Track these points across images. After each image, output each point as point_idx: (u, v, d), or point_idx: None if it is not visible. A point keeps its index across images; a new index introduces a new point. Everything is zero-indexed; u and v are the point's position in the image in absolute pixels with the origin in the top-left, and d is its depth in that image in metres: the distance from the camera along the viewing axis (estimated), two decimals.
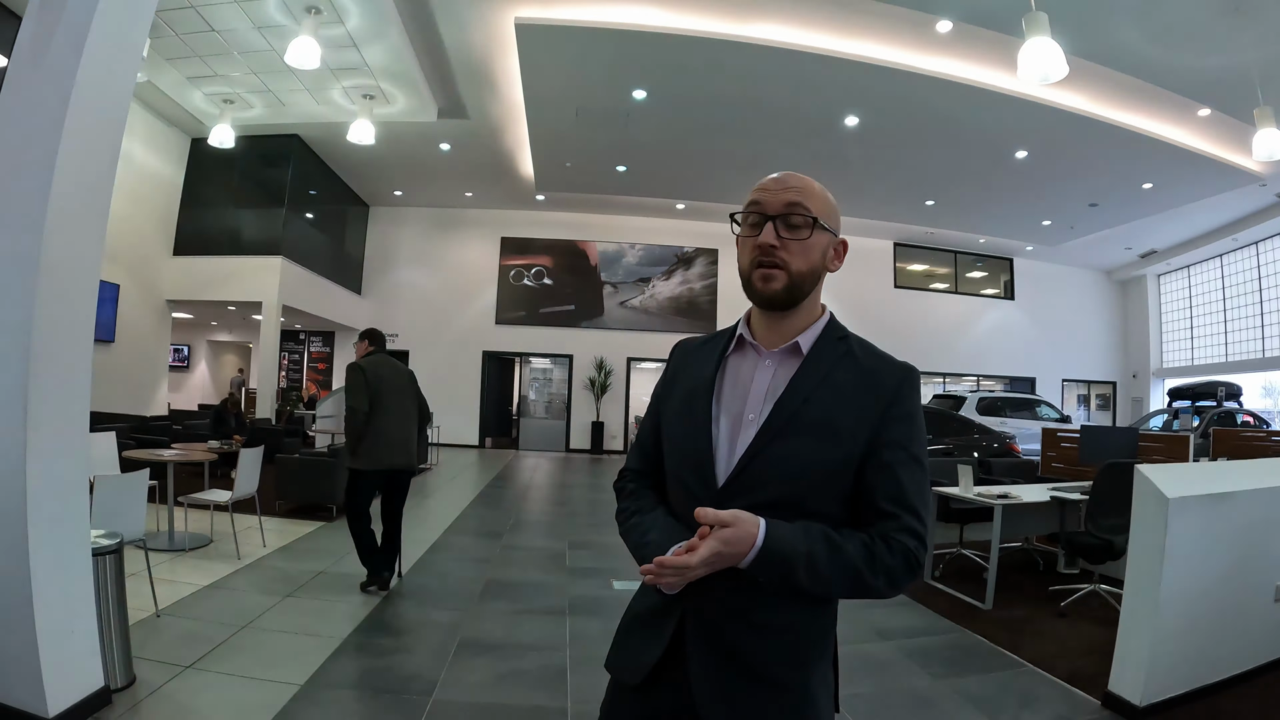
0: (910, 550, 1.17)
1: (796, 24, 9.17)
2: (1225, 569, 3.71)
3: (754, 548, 1.09)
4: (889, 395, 1.25)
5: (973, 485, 5.86)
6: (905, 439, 1.24)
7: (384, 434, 5.03)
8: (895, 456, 1.22)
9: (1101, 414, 20.98)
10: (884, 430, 1.23)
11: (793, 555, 1.11)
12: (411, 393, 5.36)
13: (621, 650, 1.38)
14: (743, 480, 1.23)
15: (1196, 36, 8.33)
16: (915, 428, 1.26)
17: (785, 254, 1.25)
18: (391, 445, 5.08)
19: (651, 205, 17.03)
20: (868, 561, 1.15)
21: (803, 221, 1.26)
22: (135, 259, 12.08)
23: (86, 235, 3.13)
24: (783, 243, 1.25)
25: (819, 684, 1.26)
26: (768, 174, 1.33)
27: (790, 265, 1.26)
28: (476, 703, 3.45)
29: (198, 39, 9.60)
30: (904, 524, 1.18)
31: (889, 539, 1.17)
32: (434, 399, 17.14)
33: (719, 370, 1.35)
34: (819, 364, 1.27)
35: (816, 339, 1.31)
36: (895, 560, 1.16)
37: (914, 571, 1.18)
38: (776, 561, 1.11)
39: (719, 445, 1.28)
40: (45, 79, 2.98)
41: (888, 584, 1.16)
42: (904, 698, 3.70)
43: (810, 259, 1.28)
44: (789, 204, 1.26)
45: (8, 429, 2.82)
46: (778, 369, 1.30)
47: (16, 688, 2.85)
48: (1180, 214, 15.18)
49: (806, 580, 1.13)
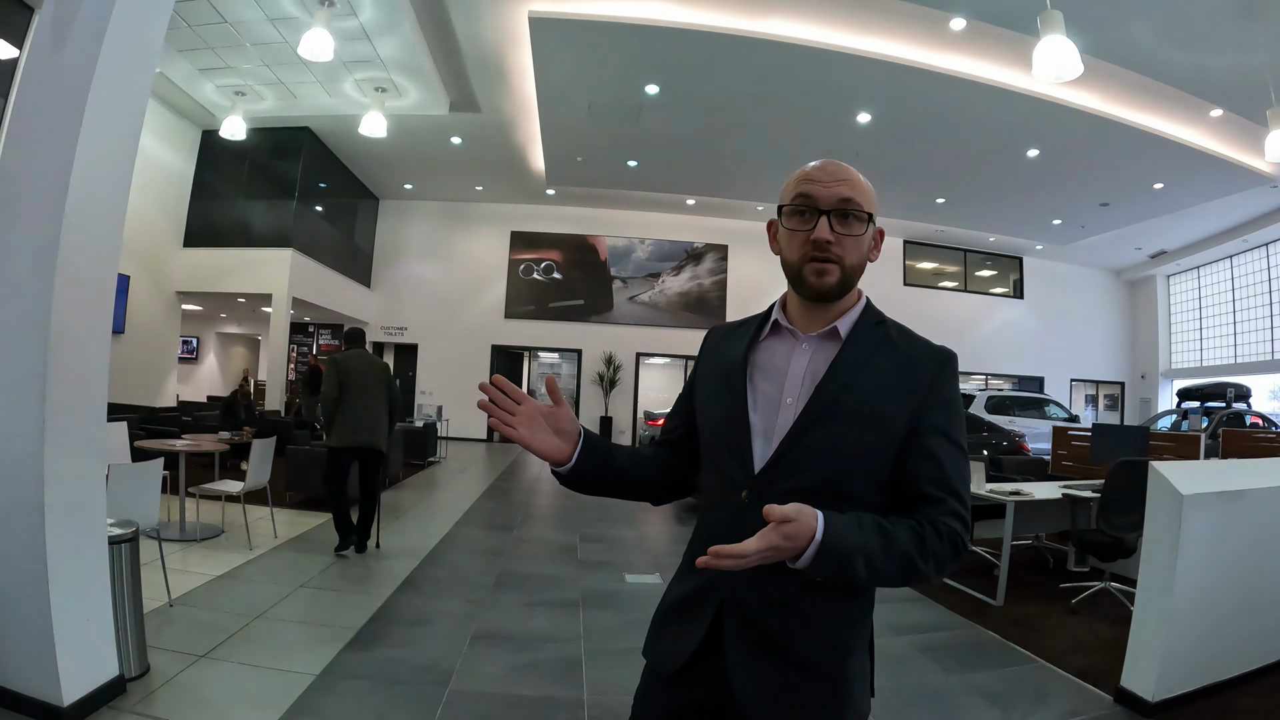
0: (957, 533, 1.16)
1: (810, 20, 9.16)
2: (1239, 566, 3.71)
3: (813, 543, 1.05)
4: (928, 380, 1.24)
5: (985, 482, 5.85)
6: (946, 424, 1.23)
7: (352, 416, 5.82)
8: (937, 442, 1.21)
9: (1109, 414, 20.91)
10: (924, 416, 1.22)
11: (851, 549, 1.08)
12: (383, 383, 6.05)
13: (658, 638, 1.38)
14: (783, 465, 1.22)
15: (1209, 37, 8.30)
16: (954, 413, 1.25)
17: (839, 249, 1.24)
18: (359, 426, 5.84)
19: (662, 201, 17.02)
20: (919, 548, 1.13)
21: (858, 217, 1.25)
22: (145, 250, 12.12)
23: (105, 227, 3.14)
24: (837, 238, 1.24)
25: (856, 670, 1.25)
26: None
27: (845, 260, 1.25)
28: (493, 693, 3.46)
29: (210, 30, 9.62)
30: (950, 508, 1.18)
31: (937, 524, 1.16)
32: (442, 392, 17.28)
33: (754, 352, 1.35)
34: (858, 348, 1.27)
35: (855, 323, 1.30)
36: (943, 546, 1.15)
37: (959, 555, 1.17)
38: (836, 557, 1.06)
39: (755, 428, 1.27)
40: (65, 69, 2.99)
41: (936, 569, 1.15)
42: (917, 692, 3.70)
43: (861, 253, 1.28)
44: (844, 199, 1.25)
45: (27, 418, 2.83)
46: (815, 353, 1.29)
47: (32, 676, 2.86)
48: (1191, 214, 15.11)
49: (865, 573, 1.09)
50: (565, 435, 1.30)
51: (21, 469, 2.84)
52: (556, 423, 1.29)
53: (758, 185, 14.77)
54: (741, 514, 1.16)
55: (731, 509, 1.24)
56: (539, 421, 1.28)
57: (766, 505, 1.04)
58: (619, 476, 1.40)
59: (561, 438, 1.30)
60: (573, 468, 1.31)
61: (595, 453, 1.34)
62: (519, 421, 1.26)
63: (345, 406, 5.81)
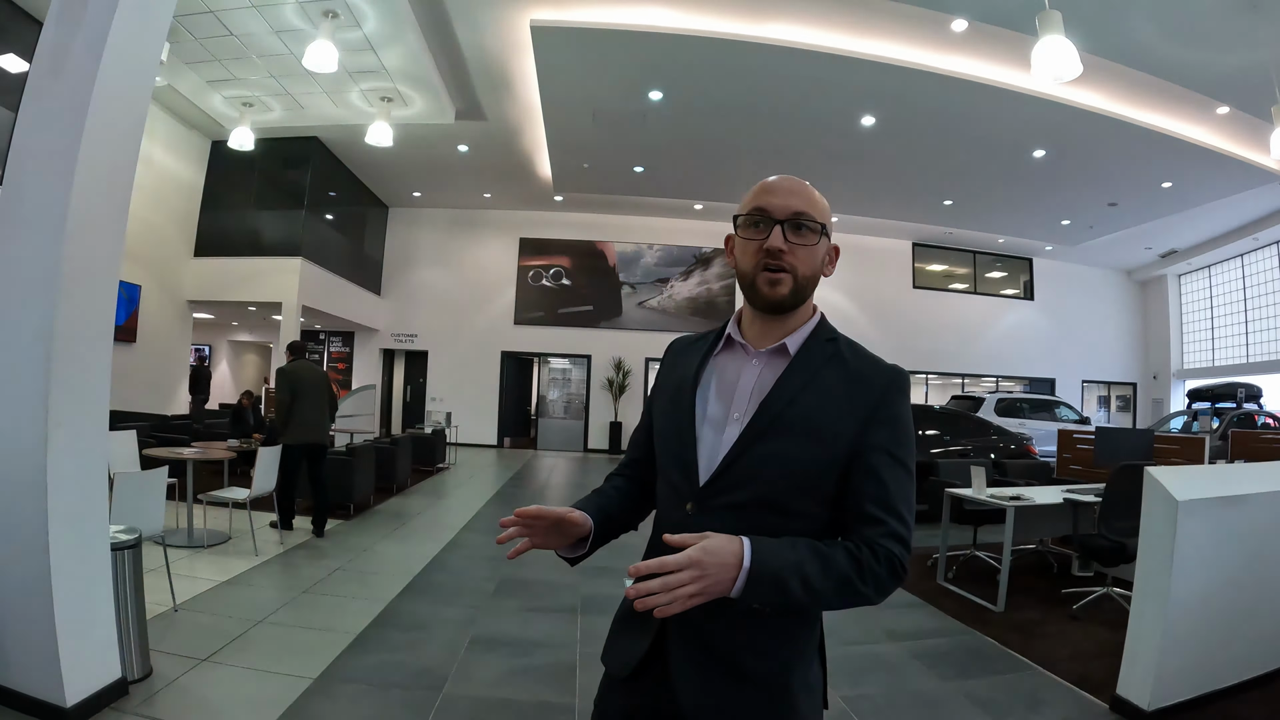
0: (895, 556, 1.16)
1: (812, 24, 9.16)
2: (1236, 572, 3.69)
3: (742, 569, 1.06)
4: (875, 398, 1.25)
5: (986, 487, 5.84)
6: (890, 442, 1.23)
7: (304, 419, 6.77)
8: (880, 460, 1.21)
9: (1122, 415, 20.76)
10: (869, 433, 1.22)
11: (784, 572, 1.08)
12: (324, 388, 7.04)
13: (613, 645, 1.42)
14: (726, 479, 1.24)
15: (1213, 34, 8.24)
16: (901, 431, 1.25)
17: (793, 259, 1.27)
18: (307, 426, 6.79)
19: (669, 206, 17.04)
20: (856, 570, 1.13)
21: (810, 228, 1.28)
22: (156, 260, 12.26)
23: (107, 238, 3.20)
24: (790, 247, 1.27)
25: (802, 681, 1.26)
26: (783, 173, 1.34)
27: (797, 270, 1.27)
28: (485, 697, 3.50)
29: (217, 43, 9.72)
30: (889, 529, 1.17)
31: (874, 546, 1.16)
32: (452, 399, 17.37)
33: (706, 368, 1.37)
34: (806, 365, 1.28)
35: (805, 340, 1.31)
36: (881, 568, 1.15)
37: (899, 577, 1.17)
38: (769, 581, 1.07)
39: (703, 442, 1.29)
40: (65, 86, 3.05)
41: (876, 591, 1.15)
42: (910, 699, 3.69)
43: (814, 264, 1.30)
44: (796, 211, 1.27)
45: (30, 426, 2.90)
46: (764, 369, 1.31)
47: (36, 677, 2.93)
48: (1200, 213, 14.98)
49: (801, 596, 1.10)
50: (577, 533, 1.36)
51: (25, 476, 2.91)
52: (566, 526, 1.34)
53: None
54: (686, 527, 1.17)
55: (677, 521, 1.27)
56: (553, 529, 1.33)
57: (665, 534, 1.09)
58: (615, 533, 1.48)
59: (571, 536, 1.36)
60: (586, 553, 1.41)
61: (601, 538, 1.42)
62: (533, 534, 1.32)
63: (296, 409, 6.72)
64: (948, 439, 9.55)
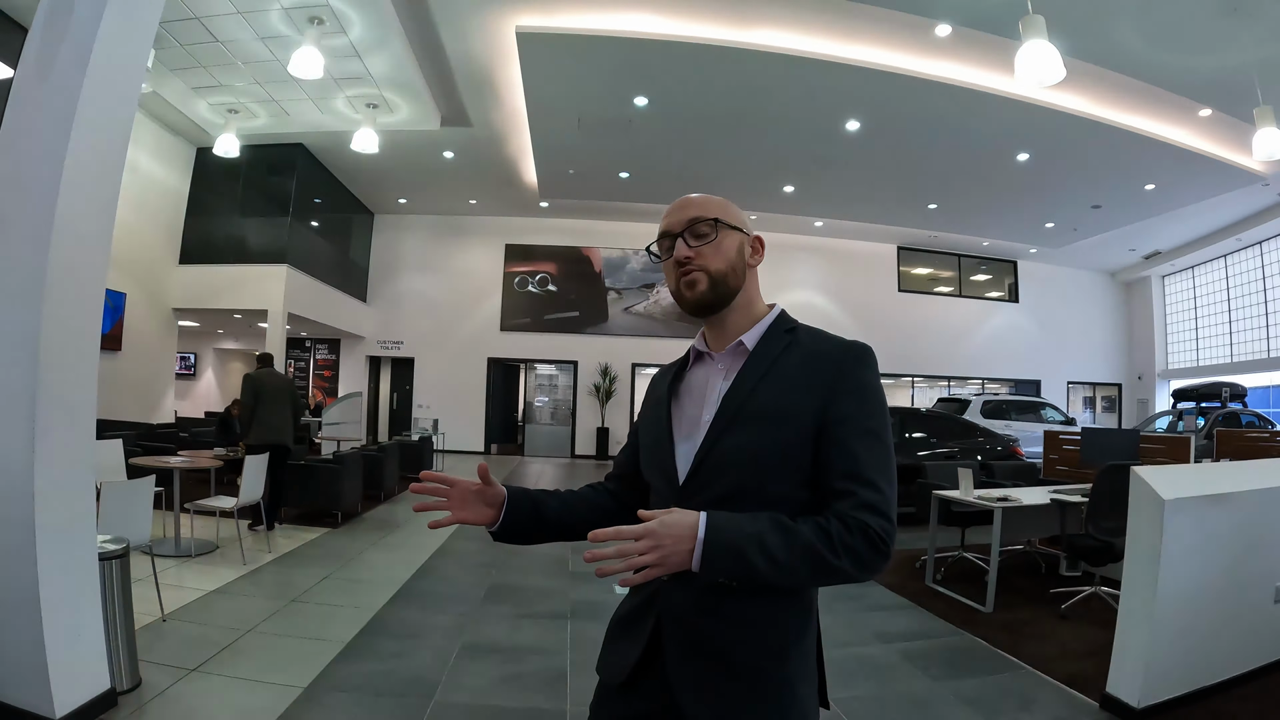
0: (869, 526, 1.14)
1: (796, 30, 9.21)
2: (1223, 570, 3.72)
3: (698, 541, 1.09)
4: (833, 372, 1.26)
5: (973, 488, 5.87)
6: (856, 412, 1.23)
7: (266, 422, 7.16)
8: (845, 431, 1.22)
9: (1107, 416, 20.92)
10: (832, 407, 1.23)
11: (740, 542, 1.10)
12: (287, 393, 7.46)
13: (608, 652, 1.43)
14: (700, 476, 1.28)
15: (1195, 37, 8.35)
16: (868, 401, 1.25)
17: (700, 260, 1.33)
18: (271, 429, 7.19)
19: (655, 211, 16.85)
20: (825, 541, 1.12)
21: (707, 229, 1.34)
22: (142, 268, 12.17)
23: (93, 245, 3.19)
24: (695, 251, 1.34)
25: (798, 676, 1.26)
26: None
27: (708, 267, 1.33)
28: (476, 705, 3.48)
29: (202, 50, 9.68)
30: (861, 499, 1.16)
31: (845, 518, 1.15)
32: (439, 405, 17.33)
33: (681, 383, 1.45)
34: (764, 356, 1.32)
35: (763, 335, 1.36)
36: (855, 539, 1.13)
37: (880, 549, 1.14)
38: (726, 550, 1.10)
39: (679, 446, 1.34)
40: (51, 93, 3.04)
41: (854, 565, 1.13)
42: (901, 700, 3.70)
43: (726, 258, 1.35)
44: (690, 219, 1.35)
45: (16, 436, 2.88)
46: (728, 369, 1.36)
47: (24, 689, 2.90)
48: (1183, 215, 15.16)
49: (766, 568, 1.10)
50: (496, 504, 1.42)
51: (12, 486, 2.89)
52: (486, 497, 1.40)
53: (749, 194, 14.80)
54: None
55: None
56: (470, 498, 1.39)
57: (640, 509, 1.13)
58: (552, 524, 1.49)
59: (492, 507, 1.41)
60: (499, 526, 1.42)
61: (519, 513, 1.44)
62: (451, 505, 1.38)
63: (260, 413, 7.14)
64: (934, 441, 9.59)
